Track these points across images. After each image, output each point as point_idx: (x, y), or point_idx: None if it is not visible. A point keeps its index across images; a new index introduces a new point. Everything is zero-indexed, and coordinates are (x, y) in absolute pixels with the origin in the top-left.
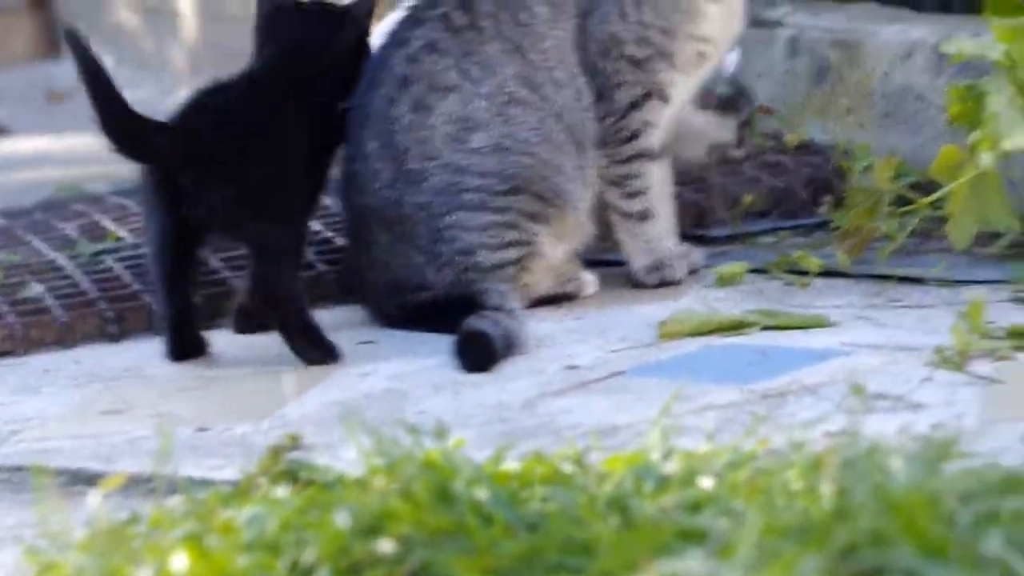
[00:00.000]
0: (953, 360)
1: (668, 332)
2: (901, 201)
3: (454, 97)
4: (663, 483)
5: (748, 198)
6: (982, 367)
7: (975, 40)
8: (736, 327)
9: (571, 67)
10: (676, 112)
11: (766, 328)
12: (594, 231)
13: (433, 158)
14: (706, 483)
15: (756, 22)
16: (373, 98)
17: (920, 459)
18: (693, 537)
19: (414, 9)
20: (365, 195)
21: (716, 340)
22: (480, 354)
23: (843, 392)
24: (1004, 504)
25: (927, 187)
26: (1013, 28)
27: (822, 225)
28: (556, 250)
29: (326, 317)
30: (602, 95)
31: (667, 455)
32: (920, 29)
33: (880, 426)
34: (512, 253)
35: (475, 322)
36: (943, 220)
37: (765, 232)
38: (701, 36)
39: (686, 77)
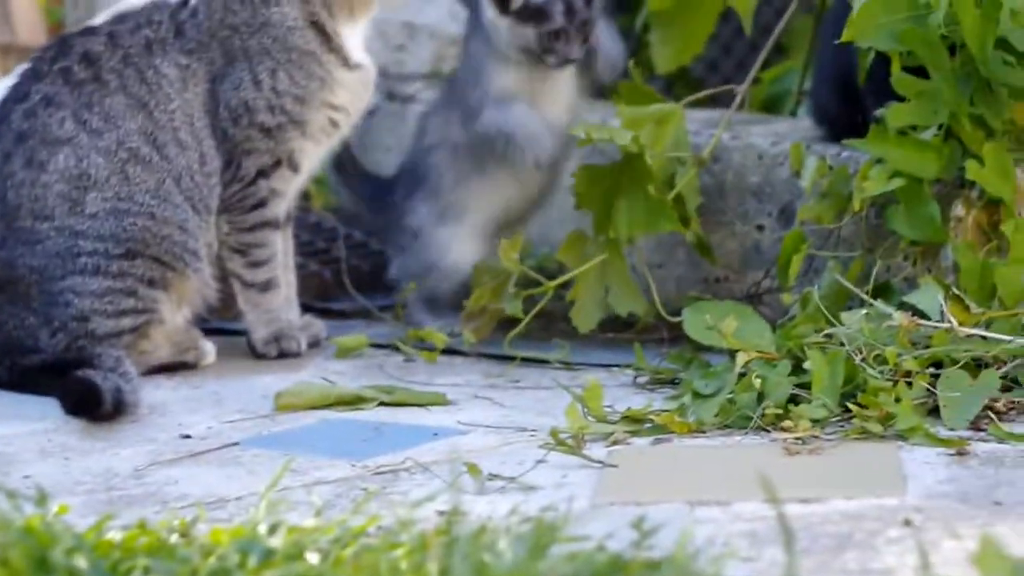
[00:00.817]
0: (567, 443)
1: (285, 404)
2: (529, 282)
3: (68, 151)
4: (268, 557)
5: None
6: (596, 450)
7: (604, 126)
8: (354, 402)
9: (199, 130)
10: (304, 181)
11: (384, 404)
12: (216, 297)
13: (47, 218)
14: (312, 558)
15: (389, 95)
16: None
17: (526, 541)
18: None
19: (36, 62)
20: None
21: (333, 414)
22: (84, 399)
23: (457, 471)
24: None
25: (554, 270)
26: (641, 116)
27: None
28: (176, 315)
29: None
30: (230, 161)
31: (274, 529)
32: None
33: (491, 507)
34: (128, 320)
35: (83, 372)
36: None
37: (390, 307)
38: (335, 104)
39: (317, 146)
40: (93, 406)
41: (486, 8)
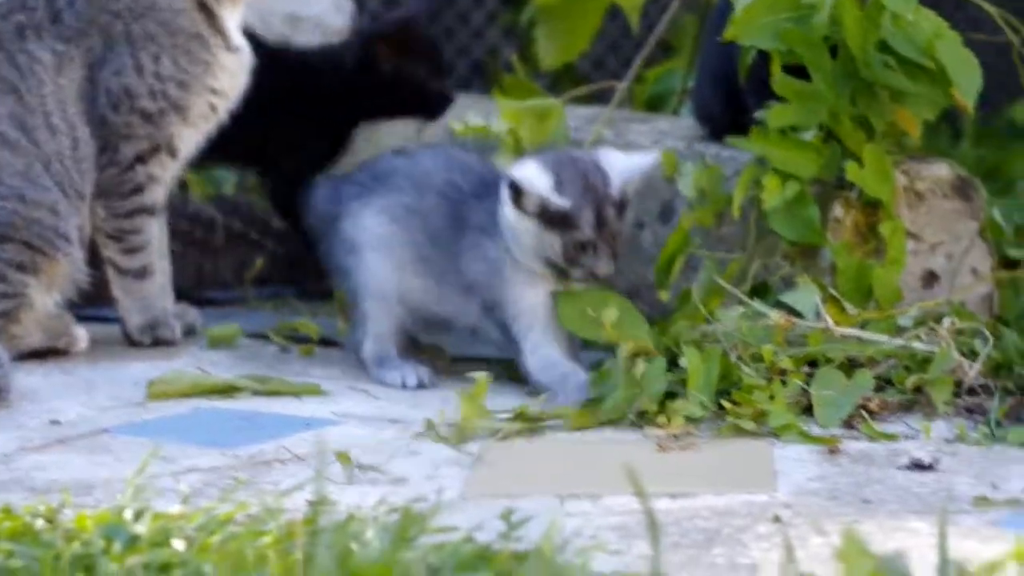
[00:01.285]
0: (441, 435)
1: (158, 392)
2: None
3: None
4: (133, 543)
5: (259, 262)
6: (468, 444)
7: (484, 119)
8: (227, 391)
9: (71, 116)
10: (180, 168)
11: (257, 393)
12: (87, 282)
13: None
14: (178, 545)
15: None
16: None
17: (394, 531)
18: None
19: None
20: None
21: (206, 403)
22: None
23: (328, 461)
24: None
25: None
26: (520, 110)
27: (327, 294)
28: (47, 300)
29: None
30: (107, 146)
31: (139, 515)
32: None
33: (361, 497)
34: None
35: None
36: None
37: (267, 298)
38: (216, 89)
39: (196, 132)
40: None
41: (504, 203)
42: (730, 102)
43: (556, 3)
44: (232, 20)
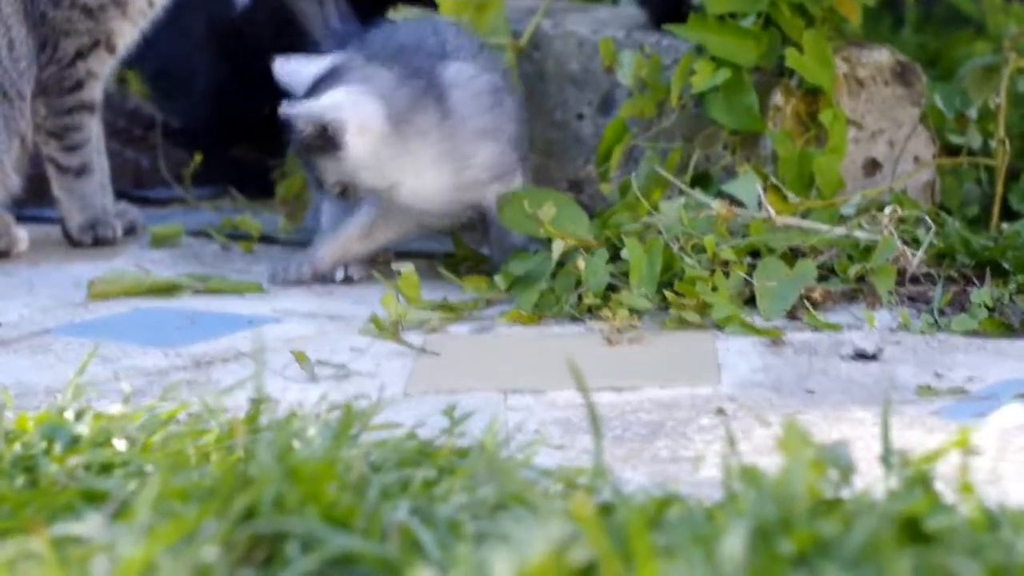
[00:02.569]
0: (384, 330)
1: (98, 292)
2: None
3: None
4: (74, 443)
5: (196, 159)
6: (412, 339)
7: (422, 10)
8: (168, 290)
9: (7, 16)
10: (117, 64)
11: (199, 292)
12: (20, 184)
13: None
14: (119, 444)
15: None
16: None
17: (335, 428)
18: (100, 499)
19: None
20: None
21: (146, 302)
22: None
23: (270, 358)
24: (416, 474)
25: None
26: (461, 0)
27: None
28: None
29: None
30: (46, 44)
31: (80, 415)
32: None
33: (303, 394)
34: None
35: None
36: None
37: (208, 196)
38: None
39: (134, 27)
40: None
41: None
42: None
43: None
44: None
